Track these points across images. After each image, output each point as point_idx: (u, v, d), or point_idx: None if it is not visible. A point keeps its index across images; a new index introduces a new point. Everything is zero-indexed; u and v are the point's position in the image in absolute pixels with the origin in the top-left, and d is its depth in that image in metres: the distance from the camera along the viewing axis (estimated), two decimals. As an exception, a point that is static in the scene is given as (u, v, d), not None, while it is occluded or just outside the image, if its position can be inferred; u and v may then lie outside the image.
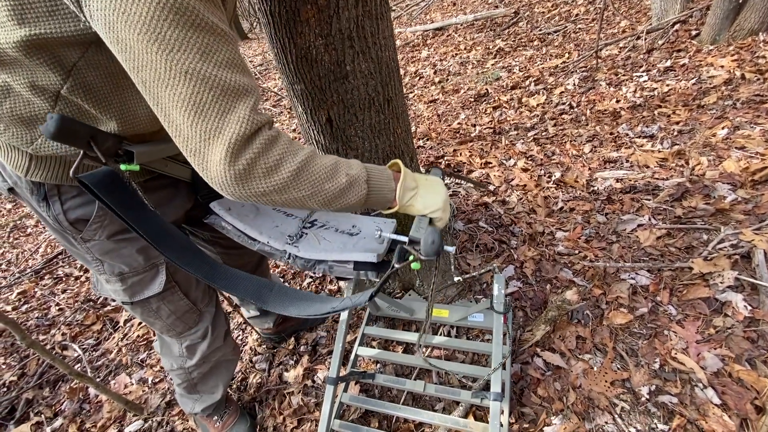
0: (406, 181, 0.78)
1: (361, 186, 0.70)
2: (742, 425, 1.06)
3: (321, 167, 0.65)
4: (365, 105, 1.15)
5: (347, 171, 0.69)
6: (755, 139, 1.97)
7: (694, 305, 1.36)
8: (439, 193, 0.81)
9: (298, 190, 0.63)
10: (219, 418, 1.35)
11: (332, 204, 0.68)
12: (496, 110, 3.06)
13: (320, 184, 0.65)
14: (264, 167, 0.58)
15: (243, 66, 0.56)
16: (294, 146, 0.62)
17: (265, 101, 5.08)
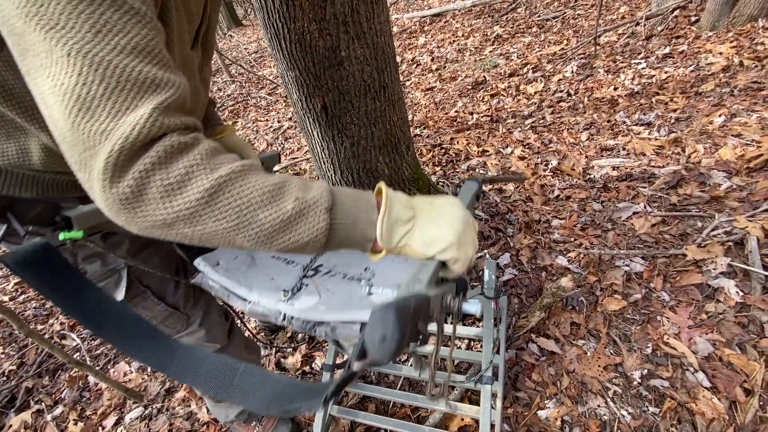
0: (393, 210, 0.53)
1: (317, 216, 0.49)
2: (731, 407, 1.08)
3: (254, 188, 0.47)
4: (361, 92, 1.15)
5: (298, 194, 0.49)
6: (752, 127, 1.97)
7: (687, 291, 1.37)
8: (452, 220, 0.55)
9: (215, 220, 0.46)
10: (257, 423, 1.28)
11: (271, 242, 0.49)
12: (493, 98, 3.04)
13: (251, 212, 0.47)
14: (161, 185, 0.43)
15: (157, 54, 0.45)
16: (216, 159, 0.47)
17: (260, 89, 5.03)
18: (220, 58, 5.60)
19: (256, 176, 0.48)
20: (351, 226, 0.52)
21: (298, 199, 0.49)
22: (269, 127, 3.84)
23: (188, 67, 0.68)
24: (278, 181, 0.49)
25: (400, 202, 0.54)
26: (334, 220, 0.51)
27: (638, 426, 1.12)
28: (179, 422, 1.52)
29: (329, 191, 0.51)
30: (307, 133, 1.31)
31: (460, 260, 0.54)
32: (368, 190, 0.56)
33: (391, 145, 1.35)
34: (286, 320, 0.70)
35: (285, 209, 0.48)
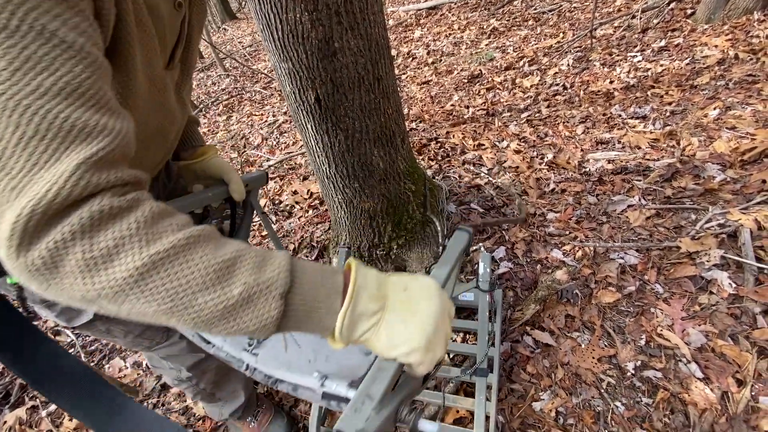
0: (359, 303, 0.46)
1: (269, 303, 0.43)
2: (723, 398, 1.09)
3: (197, 267, 0.40)
4: (354, 84, 1.13)
5: (249, 276, 0.42)
6: (746, 120, 1.97)
7: (680, 283, 1.38)
8: (425, 319, 0.48)
9: (144, 301, 0.39)
10: (253, 419, 1.28)
11: (210, 328, 0.43)
12: (489, 91, 3.03)
13: (189, 296, 0.40)
14: (82, 259, 0.36)
15: (93, 96, 0.39)
16: (156, 228, 0.40)
17: (255, 83, 4.98)
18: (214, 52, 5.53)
19: (203, 250, 0.41)
20: (308, 312, 0.45)
21: (248, 282, 0.42)
22: (264, 122, 3.81)
23: (159, 88, 0.64)
24: (229, 257, 0.42)
25: (369, 293, 0.47)
26: (289, 307, 0.44)
27: (631, 416, 1.13)
28: (175, 417, 1.52)
29: (289, 270, 0.44)
30: (301, 126, 1.30)
31: (424, 364, 0.48)
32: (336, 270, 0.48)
33: (385, 138, 1.34)
34: (249, 370, 0.66)
35: (230, 294, 0.41)
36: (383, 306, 0.48)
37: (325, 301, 0.46)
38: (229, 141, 3.66)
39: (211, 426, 1.43)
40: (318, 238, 2.08)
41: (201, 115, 4.61)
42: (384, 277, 0.51)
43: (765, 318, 1.20)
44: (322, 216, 2.22)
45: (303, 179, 2.65)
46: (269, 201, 2.54)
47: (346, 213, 1.60)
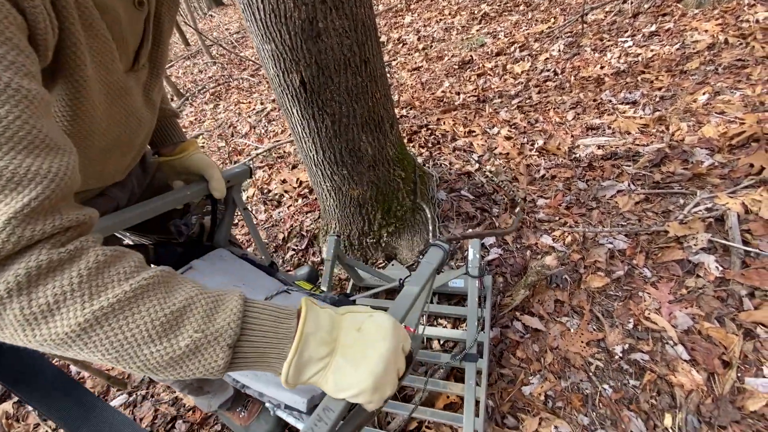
0: (306, 350, 0.46)
1: (216, 354, 0.42)
2: (709, 379, 1.10)
3: (144, 320, 0.39)
4: (341, 66, 1.10)
5: (196, 328, 0.41)
6: (734, 104, 1.97)
7: (668, 267, 1.39)
8: (375, 360, 0.47)
9: (88, 351, 0.38)
10: (243, 409, 1.27)
11: (156, 374, 0.42)
12: (480, 78, 2.99)
13: (134, 348, 0.39)
14: (20, 314, 0.35)
15: (24, 138, 0.36)
16: (100, 279, 0.39)
17: (242, 71, 4.88)
18: (200, 39, 5.39)
19: (151, 301, 0.40)
20: (259, 357, 0.45)
21: (195, 334, 0.41)
22: (252, 110, 3.73)
23: (119, 93, 0.61)
24: (178, 307, 0.41)
25: (319, 337, 0.46)
26: (238, 355, 0.44)
27: (619, 398, 1.14)
28: (165, 408, 1.50)
29: (240, 319, 0.43)
30: (287, 111, 1.27)
31: (373, 402, 0.48)
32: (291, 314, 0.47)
33: (374, 123, 1.31)
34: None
35: (177, 347, 0.40)
36: (333, 350, 0.47)
37: (277, 346, 0.45)
38: (217, 129, 3.59)
39: (201, 416, 1.42)
40: (308, 227, 2.06)
41: (188, 103, 4.51)
42: (338, 319, 0.50)
43: (751, 300, 1.21)
44: (312, 205, 2.19)
45: (292, 168, 2.61)
46: (258, 190, 2.50)
47: (335, 201, 1.57)
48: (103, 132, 0.61)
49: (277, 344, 0.45)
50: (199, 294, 0.44)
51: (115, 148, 0.69)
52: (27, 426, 1.58)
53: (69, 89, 0.50)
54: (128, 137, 0.70)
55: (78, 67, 0.48)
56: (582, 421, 1.13)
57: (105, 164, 0.70)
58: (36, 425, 1.58)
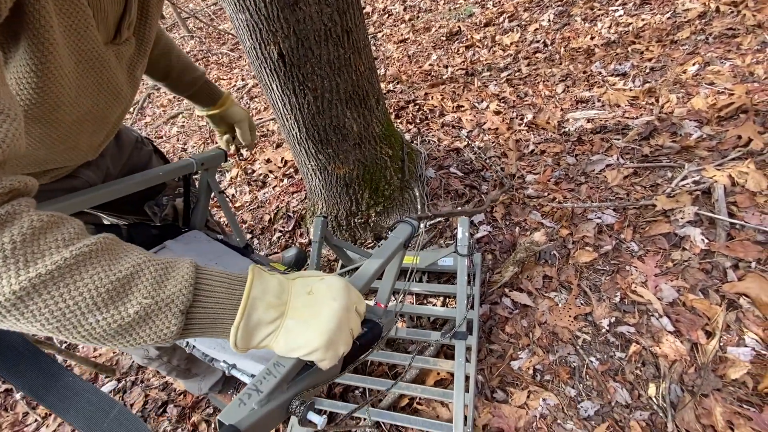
0: (254, 313, 0.45)
1: (167, 320, 0.41)
2: (692, 349, 1.13)
3: (87, 287, 0.37)
4: (321, 37, 1.03)
5: (145, 296, 0.40)
6: (724, 75, 1.95)
7: (654, 241, 1.40)
8: (326, 320, 0.47)
9: (25, 322, 0.36)
10: (234, 391, 1.27)
11: (103, 344, 0.41)
12: (468, 50, 2.91)
13: (77, 317, 0.37)
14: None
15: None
16: (36, 246, 0.36)
17: (222, 45, 4.66)
18: (175, 11, 5.11)
19: (94, 268, 0.38)
20: (210, 325, 0.45)
21: (146, 301, 0.39)
22: (233, 86, 3.59)
23: (94, 66, 0.57)
24: (125, 274, 0.39)
25: (267, 301, 0.46)
26: (190, 321, 0.43)
27: (605, 370, 1.16)
28: (155, 393, 1.49)
29: (192, 285, 0.42)
30: (266, 86, 1.20)
31: (326, 360, 0.48)
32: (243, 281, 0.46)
33: (358, 98, 1.26)
34: (188, 347, 0.67)
35: (125, 314, 0.39)
36: (283, 313, 0.47)
37: (230, 313, 0.45)
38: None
39: (193, 400, 1.41)
40: (294, 207, 2.01)
41: (165, 80, 4.31)
42: (288, 284, 0.50)
43: (735, 272, 1.23)
44: (298, 185, 2.14)
45: (276, 147, 2.54)
46: (242, 171, 2.43)
47: (320, 181, 1.53)
48: (73, 102, 0.57)
49: (231, 311, 0.45)
50: (148, 261, 0.42)
51: (86, 123, 0.65)
52: (16, 415, 1.57)
53: (34, 52, 0.46)
54: (101, 111, 0.66)
55: (43, 27, 0.45)
56: (569, 392, 1.15)
57: (76, 140, 0.66)
58: (25, 414, 1.56)
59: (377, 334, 0.55)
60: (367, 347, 0.54)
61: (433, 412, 1.19)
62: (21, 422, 1.53)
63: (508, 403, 1.16)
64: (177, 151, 2.98)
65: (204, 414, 1.36)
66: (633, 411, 1.08)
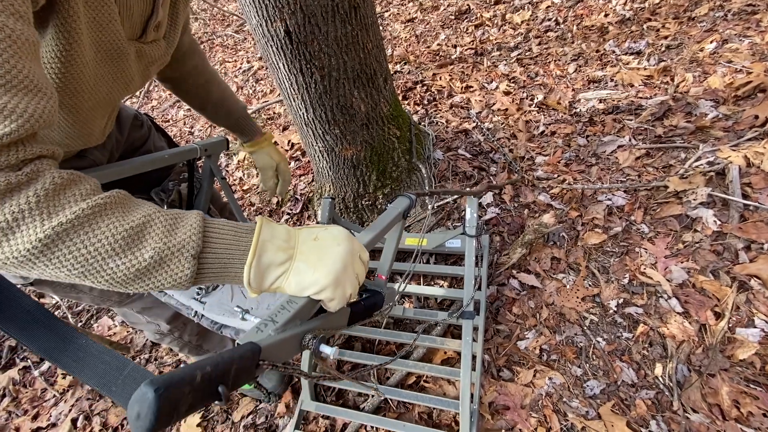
0: (264, 255, 0.49)
1: (181, 264, 0.45)
2: (701, 330, 1.13)
3: (104, 235, 0.41)
4: (328, 13, 1.01)
5: (158, 242, 0.44)
6: (743, 53, 1.89)
7: (665, 222, 1.38)
8: (332, 261, 0.51)
9: (53, 268, 0.41)
10: None
11: (126, 287, 0.45)
12: (478, 29, 2.84)
13: (99, 262, 0.41)
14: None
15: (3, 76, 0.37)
16: (57, 200, 0.40)
17: (227, 27, 4.60)
18: (178, -9, 5.02)
19: (109, 218, 0.42)
20: (222, 269, 0.48)
21: (159, 246, 0.43)
22: (238, 69, 3.56)
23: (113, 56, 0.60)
24: (138, 223, 0.43)
25: (276, 245, 0.50)
26: (203, 266, 0.46)
27: (612, 350, 1.17)
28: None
29: (201, 232, 0.46)
30: (273, 65, 1.18)
31: (335, 299, 0.52)
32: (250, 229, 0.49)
33: (366, 77, 1.24)
34: (197, 317, 0.70)
35: (141, 258, 0.43)
36: (291, 256, 0.51)
37: (239, 258, 0.48)
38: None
39: (205, 377, 1.45)
40: (301, 190, 2.02)
41: (170, 63, 4.28)
42: (294, 232, 0.54)
43: (747, 253, 1.22)
44: (305, 168, 2.14)
45: (283, 129, 2.53)
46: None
47: (328, 162, 1.52)
48: (90, 90, 0.61)
49: (240, 256, 0.48)
50: (158, 212, 0.46)
51: (101, 108, 0.68)
52: (35, 391, 1.62)
53: (60, 40, 0.49)
54: (113, 99, 0.69)
55: (71, 17, 0.48)
56: (575, 372, 1.16)
57: (91, 126, 0.69)
58: (43, 390, 1.62)
59: (380, 301, 0.59)
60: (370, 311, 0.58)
61: (440, 390, 1.21)
62: (40, 398, 1.59)
63: (514, 381, 1.18)
64: (184, 134, 2.99)
65: (216, 390, 1.40)
66: (639, 390, 1.08)
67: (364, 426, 1.17)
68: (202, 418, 1.33)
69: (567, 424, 1.07)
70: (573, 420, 1.07)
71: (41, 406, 1.56)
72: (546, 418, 1.09)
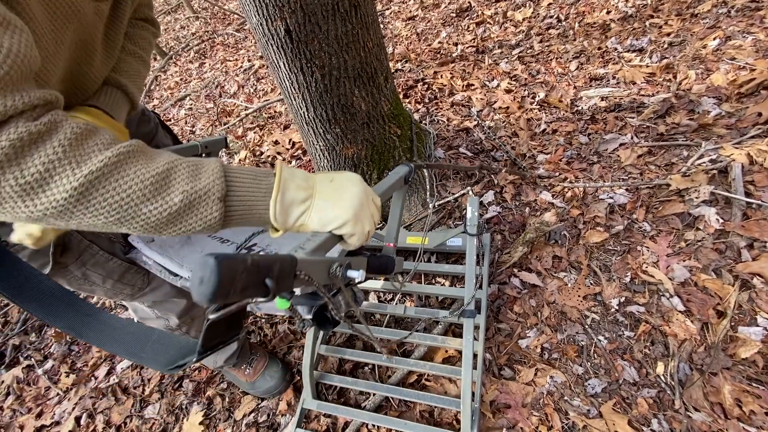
0: (287, 192, 0.51)
1: (210, 207, 0.46)
2: (703, 329, 1.12)
3: (134, 180, 0.42)
4: (328, 11, 1.01)
5: (185, 186, 0.45)
6: (746, 50, 1.87)
7: (667, 221, 1.38)
8: (350, 198, 0.54)
9: (91, 216, 0.42)
10: (248, 366, 1.30)
11: (160, 232, 0.47)
12: (479, 26, 2.83)
13: (133, 207, 0.43)
14: (16, 185, 0.38)
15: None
16: (82, 148, 0.41)
17: (227, 25, 4.60)
18: (179, -10, 5.03)
19: (135, 165, 0.43)
20: (247, 210, 0.50)
21: (186, 192, 0.45)
22: (239, 68, 3.56)
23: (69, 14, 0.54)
24: (162, 169, 0.45)
25: (296, 183, 0.53)
26: (229, 208, 0.49)
27: (613, 349, 1.17)
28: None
29: (223, 176, 0.48)
30: (273, 64, 1.18)
31: (355, 234, 0.55)
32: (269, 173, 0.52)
33: (366, 75, 1.23)
34: None
35: (172, 202, 0.45)
36: (311, 194, 0.54)
37: (262, 199, 0.50)
38: (204, 90, 3.44)
39: (207, 374, 1.46)
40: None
41: (172, 62, 4.29)
42: (311, 174, 0.57)
43: (750, 252, 1.21)
44: (306, 166, 2.14)
45: (284, 128, 2.53)
46: (249, 153, 2.43)
47: (329, 161, 1.52)
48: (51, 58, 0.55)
49: (263, 197, 0.50)
50: (179, 159, 0.47)
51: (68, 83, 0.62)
52: (38, 389, 1.63)
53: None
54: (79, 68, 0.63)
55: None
56: (576, 370, 1.16)
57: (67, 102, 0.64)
58: (47, 388, 1.63)
59: (392, 264, 0.64)
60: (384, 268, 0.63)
61: (441, 388, 1.21)
62: (43, 396, 1.60)
63: (515, 380, 1.18)
64: (185, 133, 2.99)
65: (218, 389, 1.41)
66: (640, 388, 1.08)
67: (366, 424, 1.17)
68: (205, 416, 1.33)
69: (568, 422, 1.07)
70: (574, 418, 1.07)
71: (45, 404, 1.57)
72: (547, 416, 1.09)
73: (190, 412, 1.36)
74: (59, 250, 0.73)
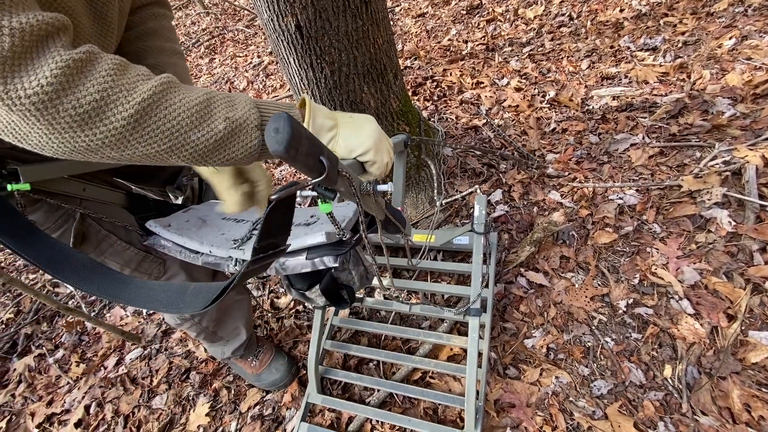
0: (316, 120, 0.56)
1: (249, 135, 0.50)
2: (712, 332, 1.11)
3: (181, 108, 0.44)
4: (339, 8, 1.01)
5: (227, 113, 0.48)
6: (763, 50, 1.84)
7: (678, 222, 1.36)
8: (370, 131, 0.60)
9: (145, 144, 0.43)
10: (254, 358, 1.31)
11: (206, 160, 0.49)
12: (489, 24, 2.80)
13: (182, 135, 0.45)
14: (75, 113, 0.38)
15: None
16: (127, 77, 0.42)
17: (237, 21, 4.62)
18: (190, -14, 5.05)
19: (178, 95, 0.45)
20: None
21: (228, 119, 0.48)
22: (249, 63, 3.57)
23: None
24: (202, 99, 0.47)
25: (323, 113, 0.58)
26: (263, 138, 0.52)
27: (620, 351, 1.16)
28: (178, 360, 1.56)
29: (256, 107, 0.51)
30: (283, 60, 1.19)
31: (377, 163, 0.61)
32: (293, 105, 0.57)
33: (376, 72, 1.23)
34: (238, 264, 0.73)
35: (217, 129, 0.47)
36: (336, 124, 0.59)
37: None
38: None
39: (214, 367, 1.48)
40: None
41: (182, 57, 4.31)
42: (332, 111, 0.61)
43: (762, 255, 1.19)
44: (314, 162, 2.14)
45: (293, 124, 2.53)
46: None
47: (337, 157, 1.52)
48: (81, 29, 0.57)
49: None
50: (212, 91, 0.50)
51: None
52: (49, 378, 1.67)
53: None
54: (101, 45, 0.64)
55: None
56: (582, 371, 1.15)
57: None
58: (57, 377, 1.66)
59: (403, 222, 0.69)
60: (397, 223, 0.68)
61: (446, 386, 1.21)
62: (54, 384, 1.63)
63: (520, 379, 1.17)
64: (195, 128, 3.01)
65: (225, 381, 1.42)
66: (647, 391, 1.07)
67: (370, 420, 1.18)
68: (211, 408, 1.35)
69: (573, 423, 1.07)
70: (579, 419, 1.07)
71: (56, 392, 1.60)
72: (552, 416, 1.09)
73: (197, 404, 1.38)
74: (79, 240, 0.75)
